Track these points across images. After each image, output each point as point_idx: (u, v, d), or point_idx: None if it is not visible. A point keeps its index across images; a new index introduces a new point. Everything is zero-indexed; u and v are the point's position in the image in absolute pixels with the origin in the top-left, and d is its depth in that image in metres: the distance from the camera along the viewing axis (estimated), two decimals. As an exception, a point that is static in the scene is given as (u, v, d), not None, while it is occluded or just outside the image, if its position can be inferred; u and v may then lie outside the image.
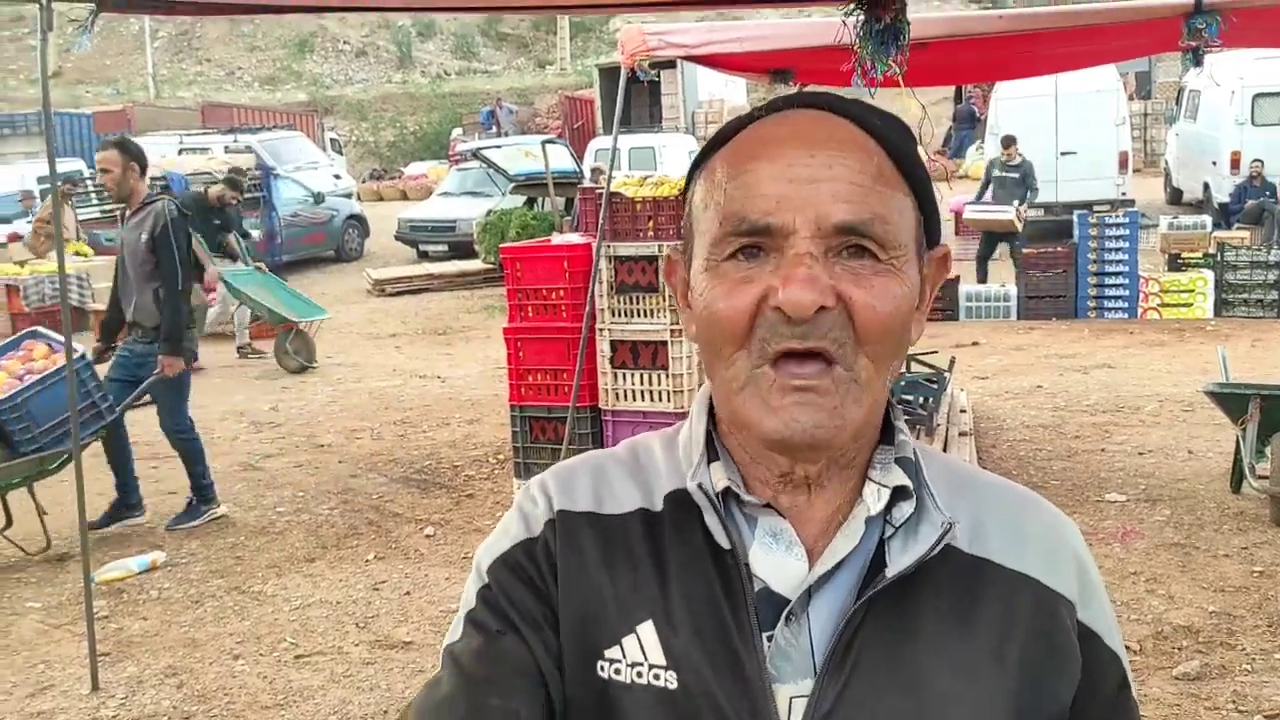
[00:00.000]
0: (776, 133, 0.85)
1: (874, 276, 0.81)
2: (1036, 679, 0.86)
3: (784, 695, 0.83)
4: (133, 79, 37.83)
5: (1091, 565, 0.93)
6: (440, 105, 33.90)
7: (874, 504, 0.87)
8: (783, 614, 0.84)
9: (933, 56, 4.96)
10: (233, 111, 27.12)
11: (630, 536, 0.89)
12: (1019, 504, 0.93)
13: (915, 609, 0.85)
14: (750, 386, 0.82)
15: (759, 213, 0.81)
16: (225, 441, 7.54)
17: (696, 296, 0.86)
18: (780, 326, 0.80)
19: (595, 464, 0.95)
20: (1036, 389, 8.13)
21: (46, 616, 4.71)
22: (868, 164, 0.83)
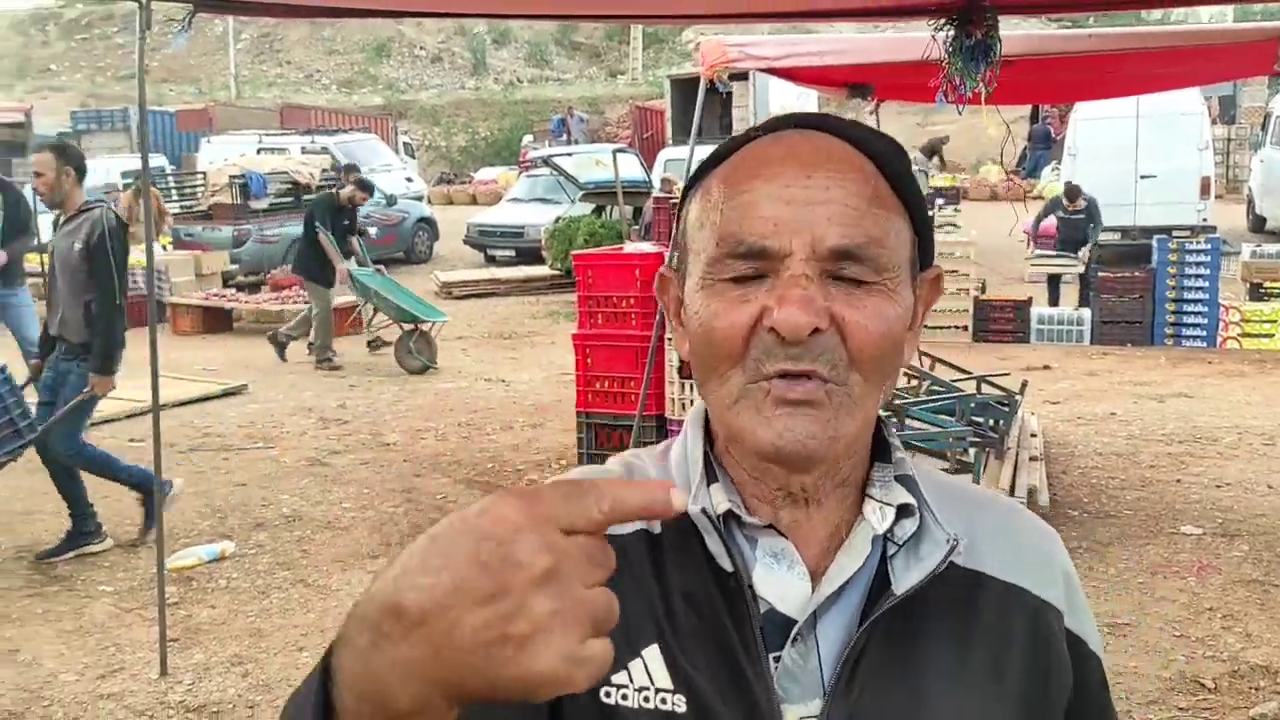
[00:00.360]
0: (773, 153, 0.85)
1: (867, 298, 0.82)
2: (1034, 688, 0.88)
3: (792, 716, 0.83)
4: (215, 79, 38.74)
5: (1074, 573, 0.95)
6: (512, 112, 34.24)
7: (878, 522, 0.87)
8: (790, 635, 0.84)
9: (1016, 74, 4.88)
10: (310, 113, 27.63)
11: (633, 559, 0.87)
12: (1006, 516, 0.95)
13: (916, 626, 0.86)
14: (744, 400, 0.83)
15: (756, 235, 0.81)
16: (294, 436, 7.66)
17: (691, 314, 0.86)
18: (775, 348, 0.81)
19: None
20: (1110, 416, 7.96)
21: (118, 600, 4.82)
22: (864, 186, 0.83)
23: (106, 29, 44.18)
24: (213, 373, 9.91)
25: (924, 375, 7.08)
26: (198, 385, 9.10)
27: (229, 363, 10.63)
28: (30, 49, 45.06)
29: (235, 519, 5.88)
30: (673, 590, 0.86)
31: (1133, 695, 3.84)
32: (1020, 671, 0.87)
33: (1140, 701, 3.80)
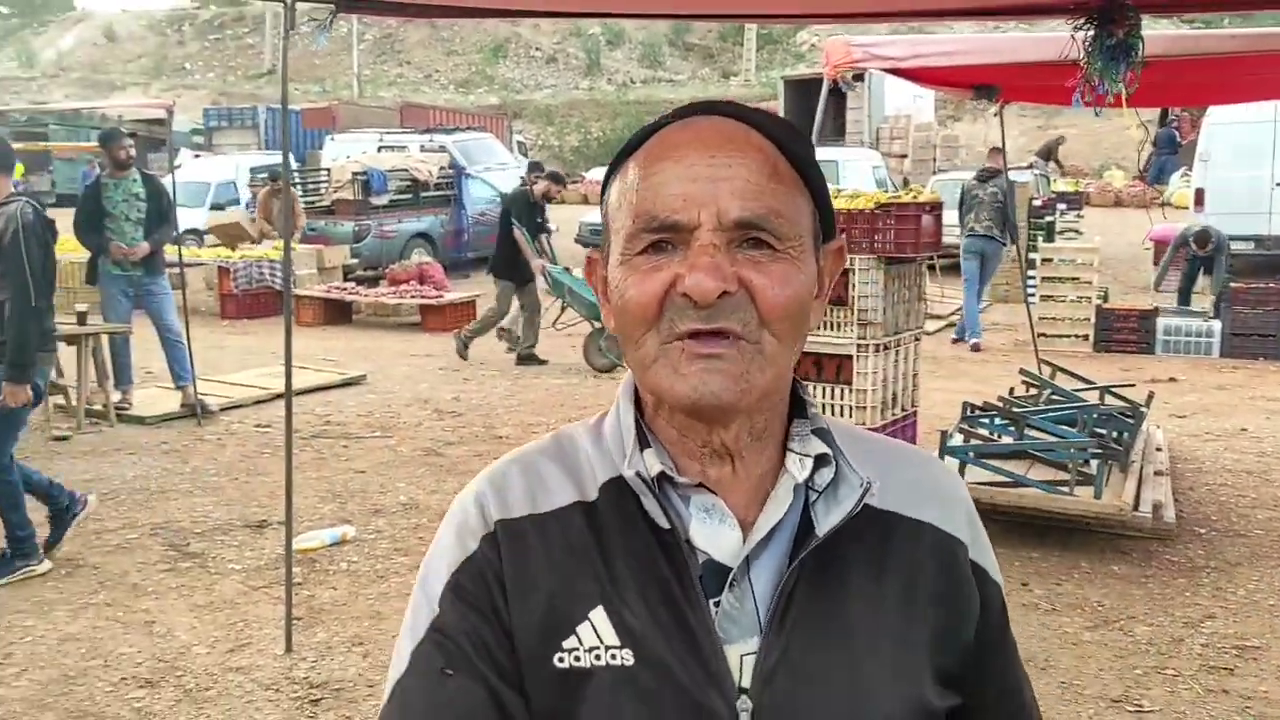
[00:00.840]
0: (681, 137, 0.92)
1: (772, 264, 0.89)
2: (944, 615, 0.97)
3: (734, 654, 0.90)
4: (338, 78, 39.89)
5: (974, 511, 1.04)
6: (624, 112, 34.44)
7: (798, 472, 0.95)
8: (727, 581, 0.91)
9: (1150, 75, 4.72)
10: (429, 112, 28.23)
11: (570, 530, 0.94)
12: (912, 460, 1.04)
13: (839, 563, 0.94)
14: (661, 359, 0.90)
15: (667, 210, 0.89)
16: (410, 427, 7.86)
17: (613, 289, 0.94)
18: (687, 310, 0.88)
19: (525, 462, 1.00)
20: (1240, 432, 7.64)
21: (246, 579, 5.01)
22: (764, 164, 0.91)
23: (238, 29, 45.85)
24: (333, 362, 10.22)
25: (1044, 384, 6.91)
26: (320, 374, 9.40)
27: (348, 353, 10.95)
28: (166, 48, 47.03)
29: (355, 505, 6.06)
30: (613, 552, 0.93)
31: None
32: (931, 596, 0.96)
33: (1272, 728, 3.65)
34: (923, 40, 5.31)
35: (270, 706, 3.84)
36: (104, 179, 7.85)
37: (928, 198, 5.80)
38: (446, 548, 0.97)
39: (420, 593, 0.96)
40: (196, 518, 5.82)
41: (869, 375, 5.49)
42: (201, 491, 6.29)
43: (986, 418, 6.17)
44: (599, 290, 1.00)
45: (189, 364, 7.91)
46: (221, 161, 21.18)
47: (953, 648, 0.97)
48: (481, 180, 17.84)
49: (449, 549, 0.96)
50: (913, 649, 0.94)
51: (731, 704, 0.89)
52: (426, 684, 0.91)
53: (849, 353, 5.50)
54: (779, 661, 0.90)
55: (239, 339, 11.94)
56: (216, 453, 7.12)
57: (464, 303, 12.93)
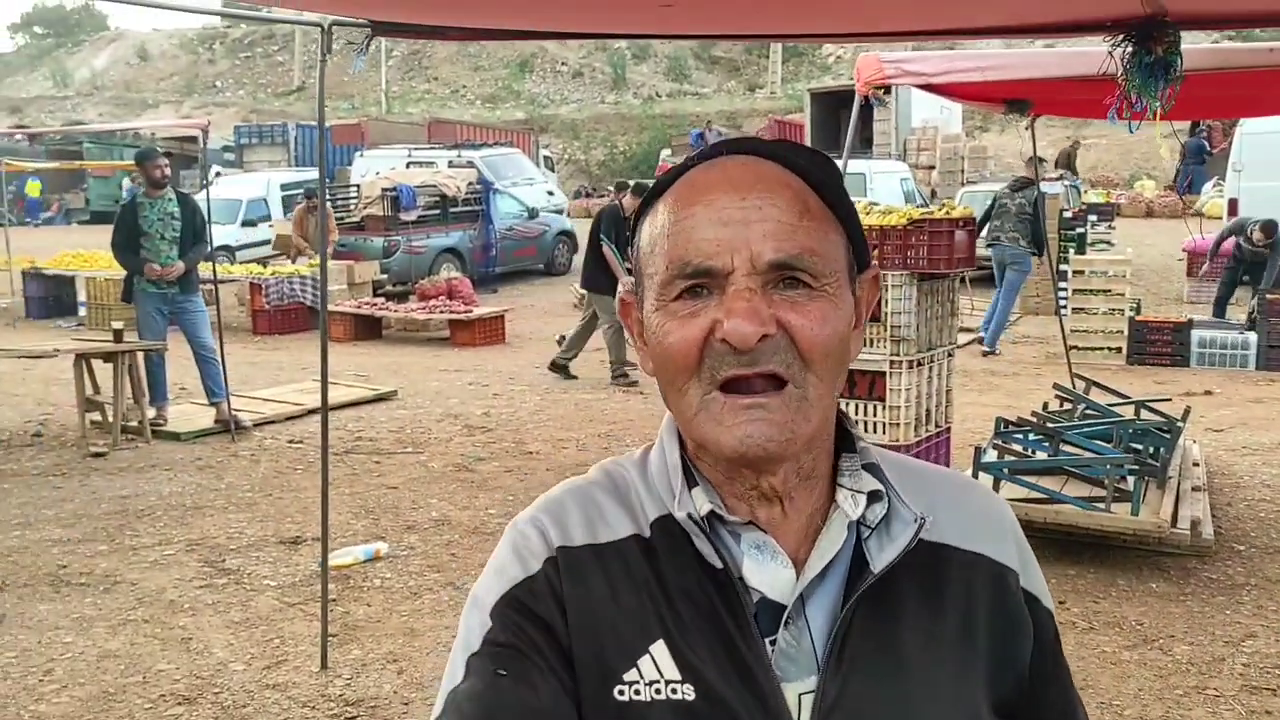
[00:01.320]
0: (710, 179, 0.92)
1: (810, 303, 0.90)
2: (1000, 646, 0.97)
3: (792, 693, 0.91)
4: (367, 95, 40.23)
5: (1023, 537, 1.05)
6: (650, 126, 34.56)
7: (851, 509, 0.95)
8: (782, 619, 0.92)
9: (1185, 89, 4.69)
10: (456, 128, 28.43)
11: (630, 563, 0.94)
12: (961, 489, 1.04)
13: (894, 599, 0.94)
14: (704, 411, 0.90)
15: (700, 256, 0.89)
16: (441, 442, 7.89)
17: (650, 334, 0.94)
18: (727, 356, 0.88)
19: (582, 494, 1.00)
20: (1279, 446, 7.55)
21: (282, 595, 5.04)
22: (795, 202, 0.91)
23: (269, 48, 46.34)
24: (364, 378, 10.28)
25: (1078, 398, 6.85)
26: (351, 390, 9.46)
27: (378, 368, 11.01)
28: (198, 67, 47.62)
29: (387, 521, 6.09)
30: (671, 589, 0.93)
31: (1309, 743, 3.64)
32: (987, 630, 0.96)
33: (1318, 750, 3.60)
34: (955, 56, 5.30)
35: (307, 724, 3.86)
36: (139, 198, 7.95)
37: (960, 213, 5.77)
38: (504, 565, 0.97)
39: (473, 609, 0.96)
40: (232, 534, 5.87)
41: (902, 392, 5.47)
42: (236, 508, 6.33)
43: (1020, 433, 6.12)
44: (634, 333, 1.00)
45: (223, 380, 7.98)
46: (253, 178, 21.41)
47: (1008, 678, 0.97)
48: (509, 195, 17.94)
49: (507, 567, 0.96)
50: (970, 683, 0.94)
51: None
52: (481, 689, 0.90)
53: (882, 369, 5.47)
54: (837, 700, 0.90)
55: (271, 355, 12.04)
56: (250, 469, 7.18)
57: (493, 318, 12.99)
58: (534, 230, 17.99)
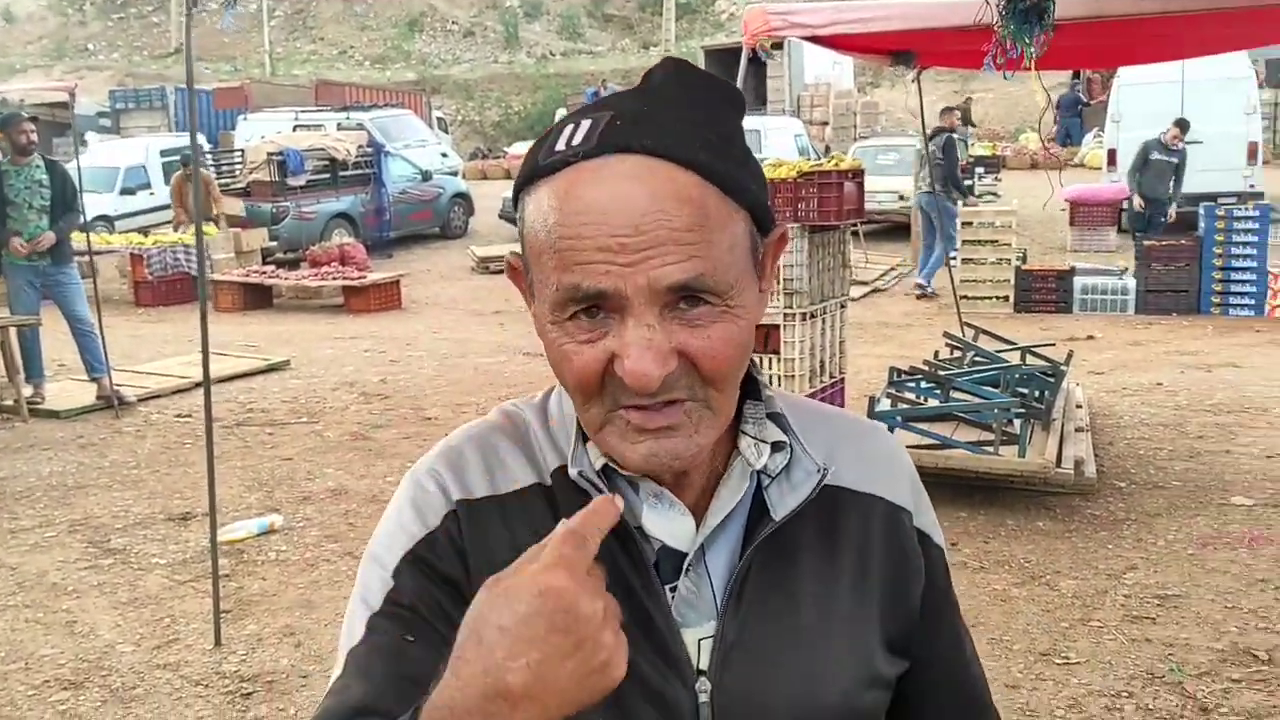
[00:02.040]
0: (598, 196, 0.83)
1: (712, 325, 0.85)
2: (894, 585, 0.99)
3: (692, 639, 0.91)
4: (249, 56, 38.91)
5: (916, 475, 1.06)
6: (545, 85, 34.17)
7: (754, 459, 0.94)
8: (683, 567, 0.92)
9: (1062, 39, 4.79)
10: (345, 89, 27.68)
11: (533, 513, 0.93)
12: (860, 432, 1.05)
13: (792, 543, 0.95)
14: (609, 426, 0.87)
15: (592, 281, 0.83)
16: (336, 411, 7.73)
17: (545, 335, 0.89)
18: (630, 389, 0.84)
19: (482, 441, 0.98)
20: (1156, 386, 7.86)
21: (171, 573, 4.89)
22: (693, 213, 0.83)
23: (142, 8, 44.43)
24: (254, 348, 10.01)
25: (968, 346, 7.02)
26: (241, 361, 9.19)
27: (270, 338, 10.73)
28: (68, 29, 45.42)
29: (282, 493, 5.95)
30: None
31: (1185, 667, 3.81)
32: (881, 568, 0.98)
33: (1193, 673, 3.77)
34: (842, 7, 5.31)
35: (200, 703, 3.76)
36: (4, 166, 7.55)
37: (849, 165, 5.82)
38: (404, 522, 0.94)
39: (373, 564, 0.93)
40: (117, 513, 5.67)
41: (796, 344, 5.52)
42: (121, 486, 6.12)
43: (913, 382, 6.25)
44: (525, 293, 0.94)
45: (103, 355, 7.68)
46: (131, 145, 20.52)
47: (900, 614, 0.99)
48: (402, 158, 17.57)
49: (408, 523, 0.93)
50: (865, 622, 0.96)
51: (691, 687, 0.90)
52: (386, 651, 0.88)
53: (776, 322, 5.52)
54: (735, 643, 0.91)
55: (155, 327, 11.63)
56: (136, 445, 6.94)
57: (388, 283, 12.75)
58: (428, 193, 17.65)
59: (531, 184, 0.89)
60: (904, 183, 15.38)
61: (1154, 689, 3.68)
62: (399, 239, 17.01)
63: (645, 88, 0.91)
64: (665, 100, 0.88)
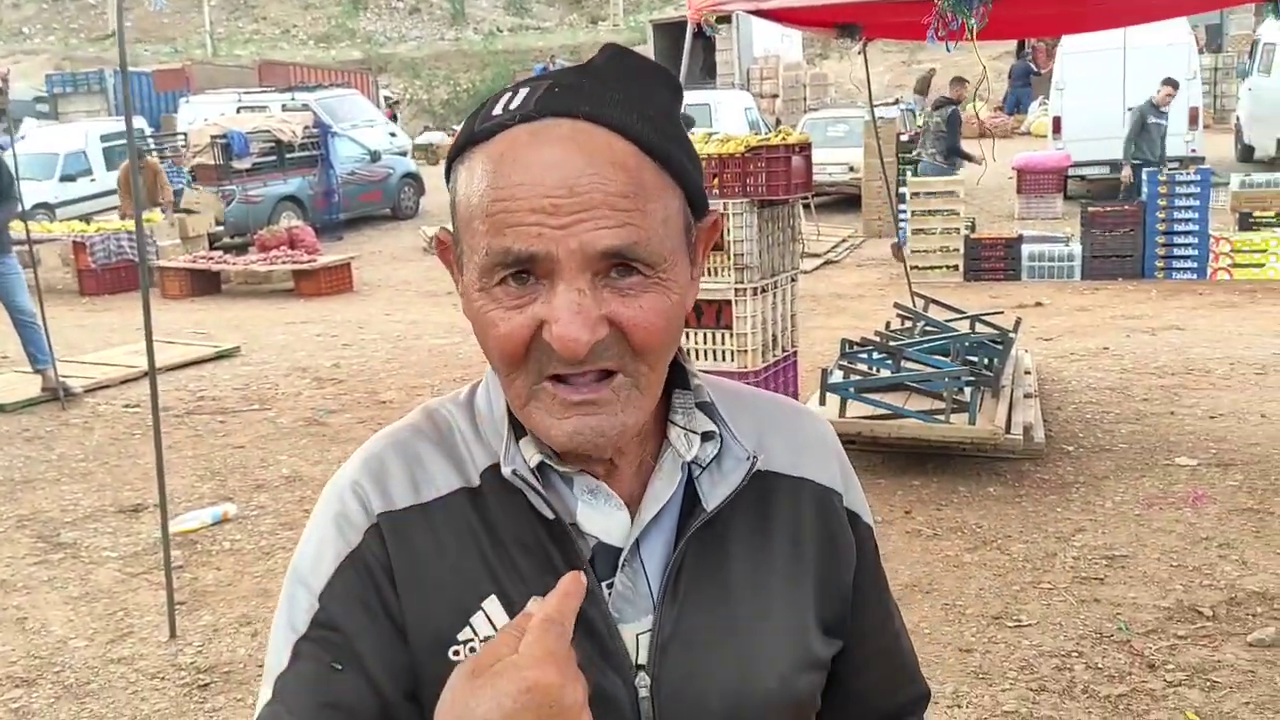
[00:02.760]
0: (534, 158, 0.83)
1: (643, 295, 0.84)
2: (827, 567, 0.99)
3: (629, 634, 0.91)
4: (190, 37, 38.15)
5: (845, 455, 1.06)
6: (493, 62, 33.85)
7: (684, 450, 0.94)
8: (619, 563, 0.91)
9: (1004, 9, 4.83)
10: (289, 70, 27.24)
11: (457, 519, 0.91)
12: (788, 416, 1.05)
13: (725, 531, 0.94)
14: (534, 401, 0.86)
15: (522, 245, 0.82)
16: (289, 397, 7.66)
17: (472, 310, 0.87)
18: (557, 356, 0.83)
19: (402, 447, 0.95)
20: (1102, 351, 7.99)
21: (124, 565, 4.84)
22: (629, 180, 0.83)
23: (78, -11, 43.38)
24: (204, 335, 9.87)
25: (918, 316, 7.09)
26: (190, 349, 9.07)
27: (220, 325, 10.59)
28: (1, 12, 44.23)
29: (235, 481, 5.89)
30: (503, 540, 0.91)
31: (1132, 625, 3.89)
32: (814, 551, 0.98)
33: (1140, 631, 3.85)
34: (785, -20, 5.31)
35: (157, 695, 3.73)
36: (-64, 155, 7.36)
37: (797, 139, 5.83)
38: (326, 539, 0.92)
39: (298, 585, 0.92)
40: (66, 506, 5.58)
41: (748, 319, 5.54)
42: (70, 479, 6.03)
43: (865, 353, 6.30)
44: (451, 269, 0.93)
45: (46, 346, 7.53)
46: (70, 130, 20.06)
47: (834, 596, 1.00)
48: (349, 139, 17.35)
49: (329, 541, 0.92)
50: (800, 605, 0.96)
51: (630, 683, 0.90)
52: (312, 679, 0.87)
53: (728, 297, 5.53)
54: (672, 636, 0.91)
55: (101, 316, 11.43)
56: (84, 437, 6.83)
57: (339, 266, 12.62)
58: (377, 174, 17.46)
59: (465, 152, 0.88)
60: (854, 154, 15.46)
61: (1103, 648, 3.76)
62: (349, 221, 16.83)
63: (586, 66, 0.91)
64: (605, 77, 0.88)
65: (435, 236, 0.97)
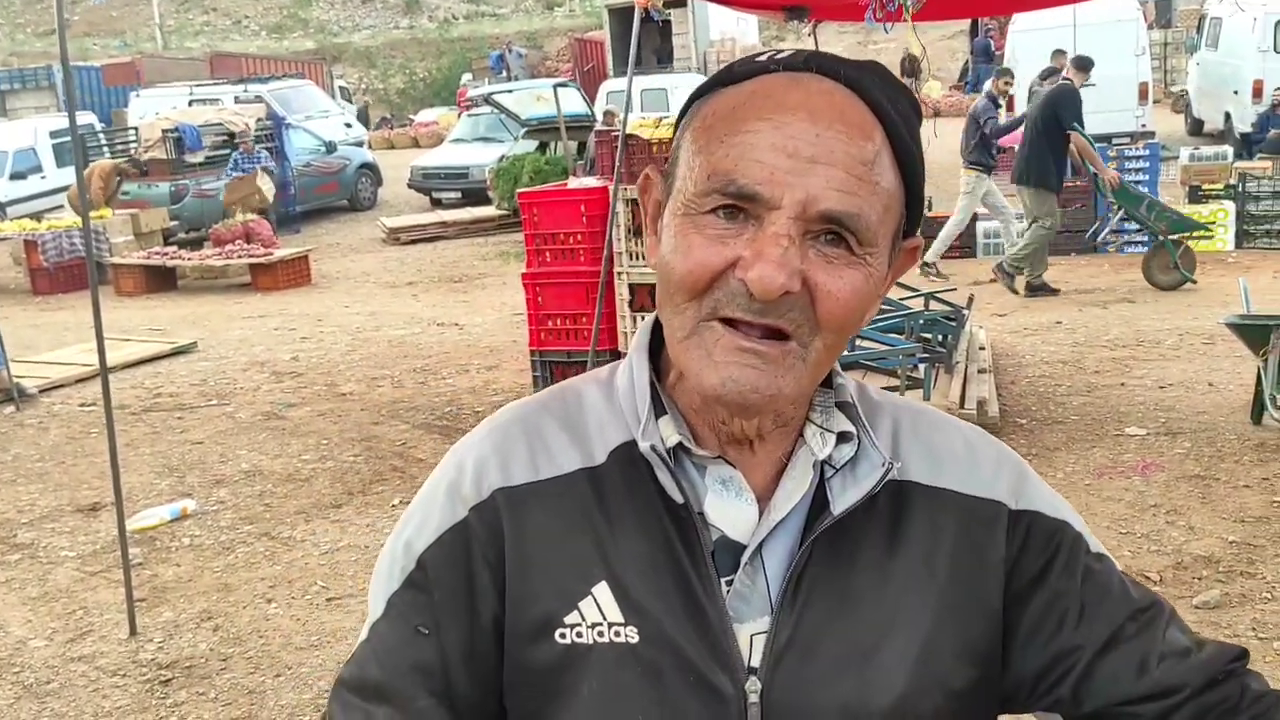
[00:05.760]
0: (786, 98, 0.83)
1: (845, 268, 0.82)
2: (962, 582, 0.91)
3: (744, 634, 0.88)
4: (139, 30, 37.57)
5: (1016, 463, 0.98)
6: (449, 50, 33.63)
7: (819, 449, 0.91)
8: (742, 560, 0.88)
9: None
10: (241, 61, 26.95)
11: (574, 500, 0.90)
12: (929, 423, 0.98)
13: (853, 538, 0.90)
14: (695, 337, 0.84)
15: (748, 179, 0.80)
16: (248, 392, 7.61)
17: (666, 234, 0.86)
18: (740, 297, 0.81)
19: (529, 423, 0.94)
20: (1056, 325, 8.11)
21: (82, 564, 4.81)
22: (868, 153, 0.82)
23: (22, -17, 42.58)
24: (160, 332, 9.78)
25: (873, 295, 7.14)
26: (146, 345, 8.98)
27: (176, 321, 10.50)
28: (-57, 8, 43.37)
29: (195, 477, 5.86)
30: (621, 523, 0.89)
31: (1082, 592, 3.98)
32: (949, 568, 0.91)
33: (1089, 597, 3.94)
34: (732, -36, 5.34)
35: (118, 693, 3.72)
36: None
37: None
38: (435, 505, 0.93)
39: (399, 544, 0.93)
40: (22, 507, 5.53)
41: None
42: (26, 479, 5.97)
43: (820, 332, 6.35)
44: (648, 212, 0.92)
45: (-1, 346, 7.44)
46: (19, 127, 19.73)
47: (976, 619, 0.92)
48: (304, 130, 17.21)
49: (438, 507, 0.92)
50: (928, 624, 0.90)
51: (740, 684, 0.87)
52: (401, 640, 0.91)
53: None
54: (789, 641, 0.88)
55: (54, 315, 11.29)
56: (39, 437, 6.76)
57: (296, 259, 12.53)
58: (334, 165, 17.33)
59: (713, 91, 0.88)
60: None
61: (1053, 615, 3.84)
62: (306, 213, 16.70)
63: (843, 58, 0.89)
64: (863, 67, 0.87)
65: (645, 174, 0.93)
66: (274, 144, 16.22)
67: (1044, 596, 0.93)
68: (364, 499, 5.40)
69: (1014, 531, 0.93)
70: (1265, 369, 5.26)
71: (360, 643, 0.93)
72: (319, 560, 4.66)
